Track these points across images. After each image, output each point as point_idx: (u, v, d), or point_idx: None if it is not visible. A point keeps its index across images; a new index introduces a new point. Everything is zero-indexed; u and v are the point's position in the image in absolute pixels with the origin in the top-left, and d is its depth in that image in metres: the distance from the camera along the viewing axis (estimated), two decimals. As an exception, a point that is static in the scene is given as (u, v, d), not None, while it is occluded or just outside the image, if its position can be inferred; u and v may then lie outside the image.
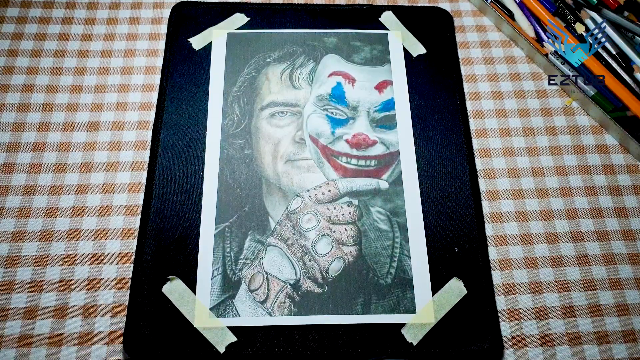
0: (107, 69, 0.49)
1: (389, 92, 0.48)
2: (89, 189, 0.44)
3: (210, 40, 0.50)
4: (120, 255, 0.41)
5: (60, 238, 0.42)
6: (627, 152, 0.47)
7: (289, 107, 0.47)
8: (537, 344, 0.39)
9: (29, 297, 0.40)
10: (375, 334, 0.39)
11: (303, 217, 0.42)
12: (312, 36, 0.50)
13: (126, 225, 0.42)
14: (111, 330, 0.39)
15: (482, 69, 0.50)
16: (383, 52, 0.50)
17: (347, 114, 0.46)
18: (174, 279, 0.40)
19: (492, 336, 0.39)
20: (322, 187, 0.43)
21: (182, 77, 0.48)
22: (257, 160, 0.45)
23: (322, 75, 0.48)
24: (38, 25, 0.51)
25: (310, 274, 0.40)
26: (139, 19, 0.52)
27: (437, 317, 0.39)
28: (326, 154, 0.45)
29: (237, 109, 0.46)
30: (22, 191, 0.43)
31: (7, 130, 0.46)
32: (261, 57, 0.49)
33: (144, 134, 0.46)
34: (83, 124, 0.46)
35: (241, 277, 0.40)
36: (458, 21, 0.53)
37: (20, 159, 0.44)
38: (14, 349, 0.38)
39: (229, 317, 0.39)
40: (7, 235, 0.42)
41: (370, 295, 0.40)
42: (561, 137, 0.47)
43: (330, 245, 0.41)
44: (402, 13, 0.52)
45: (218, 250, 0.41)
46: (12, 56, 0.49)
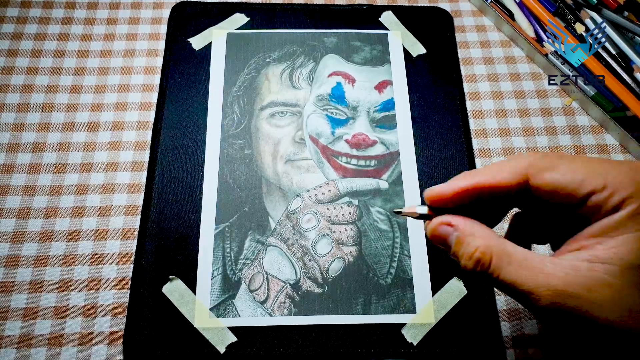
0: (107, 69, 0.49)
1: (389, 92, 0.48)
2: (89, 189, 0.44)
3: (210, 40, 0.50)
4: (120, 256, 0.41)
5: (60, 238, 0.42)
6: (627, 152, 0.47)
7: (288, 107, 0.47)
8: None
9: (29, 297, 0.40)
10: (376, 334, 0.39)
11: (303, 217, 0.42)
12: (312, 36, 0.50)
13: (126, 225, 0.42)
14: (111, 330, 0.39)
15: (482, 69, 0.50)
16: (383, 52, 0.50)
17: (347, 114, 0.46)
18: (174, 279, 0.40)
19: (492, 336, 0.39)
20: (322, 187, 0.43)
21: (182, 77, 0.48)
22: (257, 161, 0.45)
23: (322, 75, 0.48)
24: (38, 25, 0.51)
25: (310, 274, 0.40)
26: (139, 19, 0.52)
27: (437, 317, 0.39)
28: (326, 154, 0.45)
29: (237, 109, 0.46)
30: (22, 191, 0.43)
31: (7, 131, 0.46)
32: (261, 57, 0.49)
33: (144, 134, 0.46)
34: (83, 124, 0.46)
35: (241, 277, 0.40)
36: (458, 21, 0.53)
37: (20, 159, 0.44)
38: (14, 349, 0.38)
39: (229, 317, 0.39)
40: (7, 235, 0.42)
41: (370, 295, 0.40)
42: (561, 137, 0.47)
43: (330, 246, 0.41)
44: (402, 13, 0.52)
45: (218, 250, 0.41)
46: (12, 56, 0.49)
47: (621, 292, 0.25)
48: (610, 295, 0.25)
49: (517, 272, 0.26)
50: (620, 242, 0.25)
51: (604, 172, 0.26)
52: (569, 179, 0.26)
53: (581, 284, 0.25)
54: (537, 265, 0.26)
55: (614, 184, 0.25)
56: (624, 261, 0.25)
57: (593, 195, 0.26)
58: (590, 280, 0.25)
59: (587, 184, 0.26)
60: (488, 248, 0.27)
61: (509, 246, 0.27)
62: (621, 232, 0.25)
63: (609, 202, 0.25)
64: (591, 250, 0.26)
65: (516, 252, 0.26)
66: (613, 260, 0.25)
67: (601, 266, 0.25)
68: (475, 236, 0.27)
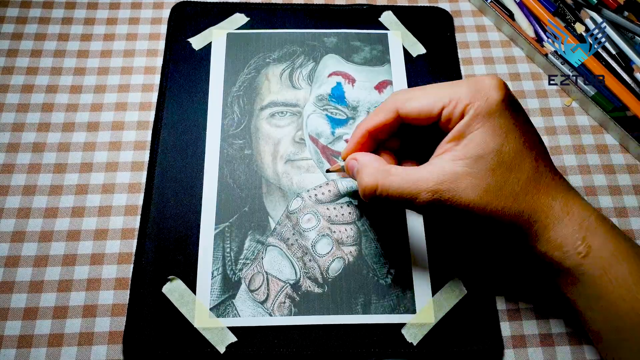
0: (107, 69, 0.49)
1: (389, 92, 0.48)
2: (89, 189, 0.44)
3: (210, 40, 0.50)
4: (120, 256, 0.41)
5: (60, 238, 0.42)
6: (627, 152, 0.47)
7: (288, 107, 0.47)
8: (537, 344, 0.39)
9: (29, 297, 0.40)
10: (376, 334, 0.39)
11: (303, 217, 0.42)
12: (312, 36, 0.50)
13: (126, 225, 0.42)
14: (111, 330, 0.39)
15: (482, 69, 0.50)
16: (383, 52, 0.50)
17: (347, 114, 0.46)
18: (174, 279, 0.40)
19: (492, 336, 0.39)
20: (322, 187, 0.43)
21: (182, 77, 0.48)
22: (257, 161, 0.45)
23: (322, 75, 0.48)
24: (38, 25, 0.51)
25: (310, 274, 0.40)
26: (139, 19, 0.52)
27: (437, 317, 0.39)
28: (326, 154, 0.45)
29: (236, 109, 0.46)
30: (22, 191, 0.43)
31: (7, 131, 0.46)
32: (261, 57, 0.49)
33: (144, 134, 0.46)
34: (83, 124, 0.46)
35: (241, 277, 0.40)
36: (458, 21, 0.53)
37: (20, 159, 0.44)
38: (14, 349, 0.38)
39: (229, 317, 0.39)
40: (7, 236, 0.42)
41: (370, 295, 0.40)
42: (561, 137, 0.47)
43: (330, 245, 0.41)
44: (402, 13, 0.52)
45: (218, 250, 0.41)
46: (12, 56, 0.49)
47: (477, 177, 0.32)
48: (470, 182, 0.32)
49: (400, 186, 0.33)
50: (469, 140, 0.33)
51: (449, 92, 0.33)
52: (425, 102, 0.34)
53: (449, 180, 0.32)
54: (414, 175, 0.33)
55: (456, 98, 0.33)
56: (474, 153, 0.32)
57: (444, 110, 0.33)
58: (455, 175, 0.32)
59: (438, 102, 0.33)
60: (374, 177, 0.34)
61: (392, 169, 0.34)
62: (468, 132, 0.33)
63: (455, 112, 0.33)
64: (451, 152, 0.33)
65: (397, 172, 0.34)
66: (466, 154, 0.32)
67: (460, 162, 0.32)
68: (367, 166, 0.35)
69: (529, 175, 0.33)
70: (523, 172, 0.33)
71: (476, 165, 0.32)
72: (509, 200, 0.32)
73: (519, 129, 0.33)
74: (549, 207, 0.33)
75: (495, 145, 0.32)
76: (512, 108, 0.33)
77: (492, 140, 0.32)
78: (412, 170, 0.34)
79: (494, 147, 0.32)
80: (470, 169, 0.32)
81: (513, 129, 0.33)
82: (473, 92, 0.33)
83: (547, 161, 0.34)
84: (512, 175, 0.32)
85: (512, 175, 0.32)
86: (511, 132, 0.33)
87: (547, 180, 0.33)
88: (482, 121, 0.32)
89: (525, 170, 0.33)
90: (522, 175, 0.33)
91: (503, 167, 0.32)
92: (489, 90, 0.33)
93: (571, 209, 0.33)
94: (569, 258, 0.32)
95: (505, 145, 0.32)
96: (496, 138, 0.32)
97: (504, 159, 0.32)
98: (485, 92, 0.33)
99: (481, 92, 0.33)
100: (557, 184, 0.34)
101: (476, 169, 0.32)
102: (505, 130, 0.32)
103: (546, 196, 0.33)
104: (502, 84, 0.33)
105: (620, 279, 0.32)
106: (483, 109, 0.32)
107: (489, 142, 0.32)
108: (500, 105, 0.32)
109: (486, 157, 0.32)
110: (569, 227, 0.33)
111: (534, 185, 0.33)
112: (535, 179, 0.33)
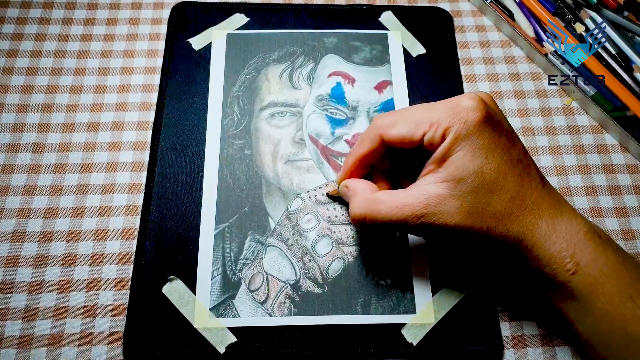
0: (107, 70, 0.49)
1: (389, 92, 0.48)
2: (89, 189, 0.44)
3: (210, 41, 0.50)
4: (120, 256, 0.41)
5: (60, 238, 0.42)
6: (627, 152, 0.47)
7: (288, 108, 0.47)
8: (537, 344, 0.39)
9: (29, 298, 0.40)
10: (376, 334, 0.39)
11: (303, 218, 0.42)
12: (312, 36, 0.50)
13: (126, 225, 0.42)
14: (111, 330, 0.39)
15: (482, 69, 0.50)
16: (383, 52, 0.50)
17: (346, 114, 0.46)
18: (174, 280, 0.40)
19: (492, 336, 0.39)
20: (322, 188, 0.43)
21: (182, 77, 0.48)
22: (257, 161, 0.45)
23: (322, 75, 0.48)
24: (38, 25, 0.51)
25: (310, 274, 0.40)
26: (139, 20, 0.52)
27: (437, 317, 0.39)
28: (326, 155, 0.45)
29: (236, 109, 0.47)
30: (22, 192, 0.43)
31: (7, 131, 0.46)
32: (261, 58, 0.49)
33: (144, 135, 0.46)
34: (83, 124, 0.46)
35: (241, 278, 0.40)
36: (458, 21, 0.53)
37: (20, 160, 0.44)
38: (14, 350, 0.38)
39: (229, 317, 0.39)
40: (7, 236, 0.42)
41: (370, 295, 0.40)
42: (561, 137, 0.47)
43: (330, 246, 0.41)
44: (402, 13, 0.52)
45: (218, 250, 0.41)
46: (12, 57, 0.49)
47: (460, 199, 0.33)
48: (454, 204, 0.33)
49: (388, 213, 0.34)
50: (449, 163, 0.33)
51: (429, 116, 0.34)
52: (405, 130, 0.34)
53: (434, 203, 0.33)
54: (401, 201, 0.34)
55: (435, 122, 0.33)
56: (456, 176, 0.33)
57: (425, 135, 0.34)
58: (439, 197, 0.33)
59: (419, 129, 0.34)
60: (362, 208, 0.35)
61: (379, 197, 0.35)
62: (448, 155, 0.33)
63: (435, 137, 0.33)
64: (435, 174, 0.34)
65: (384, 199, 0.35)
66: (448, 177, 0.33)
67: (443, 184, 0.33)
68: (356, 196, 0.37)
69: (513, 195, 0.33)
70: (507, 192, 0.33)
71: (458, 187, 0.32)
72: (494, 221, 0.32)
73: (501, 147, 0.33)
74: (535, 227, 0.33)
75: (475, 167, 0.32)
76: (492, 126, 0.33)
77: (472, 162, 0.32)
78: (399, 196, 0.34)
79: (474, 169, 0.32)
80: (452, 192, 0.33)
81: (493, 149, 0.33)
82: (451, 116, 0.33)
83: (532, 176, 0.34)
84: (495, 197, 0.32)
85: (495, 196, 0.32)
86: (491, 152, 0.33)
87: (532, 197, 0.33)
88: (462, 144, 0.32)
89: (509, 190, 0.33)
90: (506, 196, 0.33)
91: (485, 189, 0.32)
92: (467, 112, 0.33)
93: (559, 226, 0.33)
94: (559, 275, 0.32)
95: (486, 165, 0.32)
96: (476, 160, 0.32)
97: (485, 181, 0.32)
98: (463, 115, 0.33)
99: (459, 114, 0.33)
100: (543, 200, 0.33)
101: (458, 191, 0.33)
102: (486, 150, 0.32)
103: (532, 215, 0.33)
104: (481, 103, 0.33)
105: (608, 296, 0.31)
106: (462, 132, 0.32)
107: (469, 165, 0.32)
108: (478, 126, 0.32)
109: (467, 179, 0.32)
110: (556, 244, 0.32)
111: (519, 204, 0.33)
112: (520, 197, 0.33)
